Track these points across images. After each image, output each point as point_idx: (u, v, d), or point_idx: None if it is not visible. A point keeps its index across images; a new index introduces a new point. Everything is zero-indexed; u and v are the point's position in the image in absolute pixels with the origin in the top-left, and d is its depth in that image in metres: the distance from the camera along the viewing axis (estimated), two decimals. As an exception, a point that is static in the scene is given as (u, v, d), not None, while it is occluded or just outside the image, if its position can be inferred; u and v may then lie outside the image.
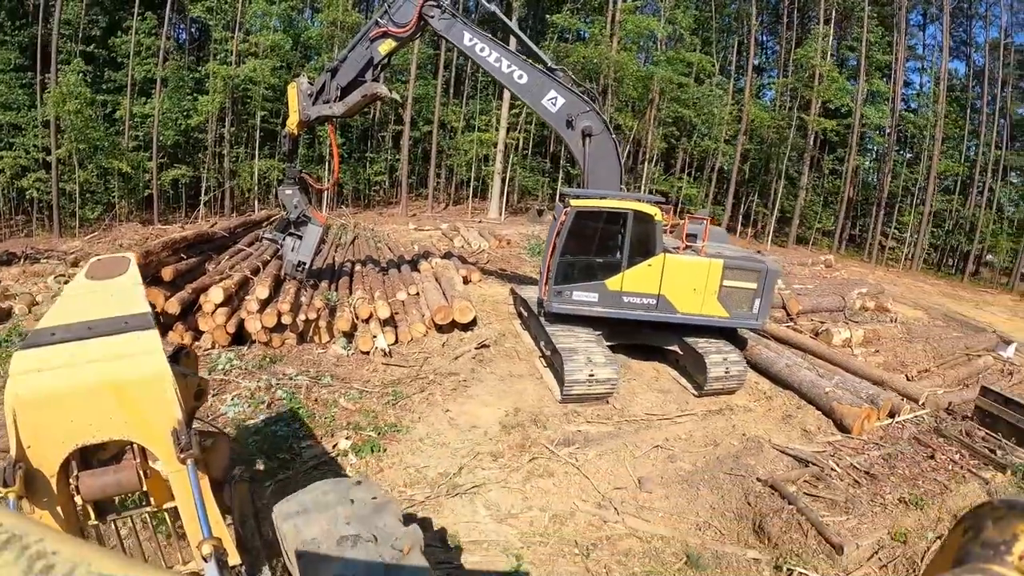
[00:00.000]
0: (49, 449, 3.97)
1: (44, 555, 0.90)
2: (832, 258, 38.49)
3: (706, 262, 14.19)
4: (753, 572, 8.74)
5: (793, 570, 8.66)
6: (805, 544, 9.13)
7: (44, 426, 3.94)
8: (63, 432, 3.96)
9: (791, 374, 15.11)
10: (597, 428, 12.36)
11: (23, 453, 3.89)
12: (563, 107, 15.36)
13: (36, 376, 3.95)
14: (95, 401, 3.96)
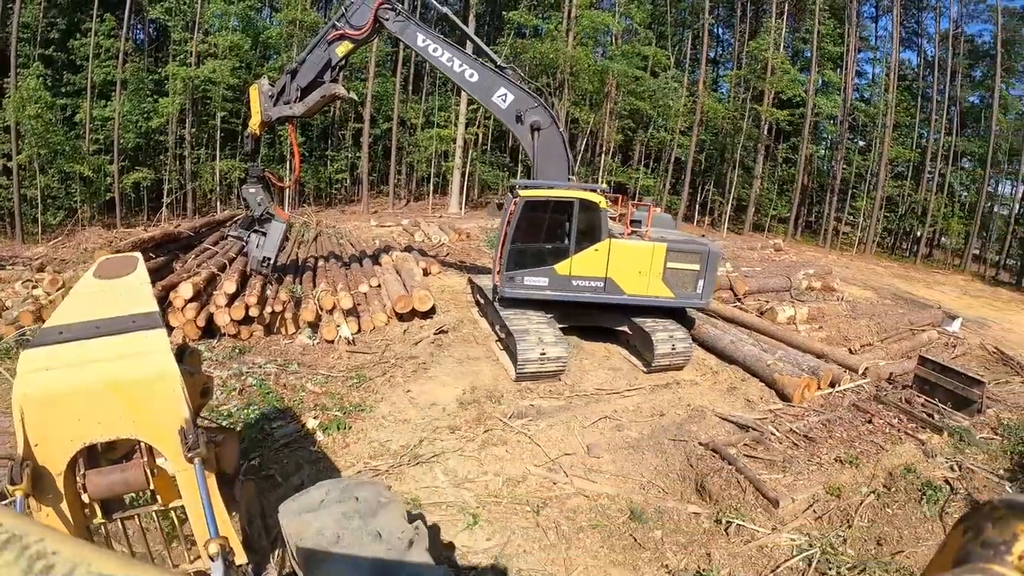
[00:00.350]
0: (56, 447, 4.03)
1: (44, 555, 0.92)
2: (781, 242, 39.55)
3: (650, 246, 15.04)
4: (694, 524, 9.53)
5: (731, 522, 9.42)
6: (743, 499, 9.93)
7: (51, 424, 4.00)
8: (70, 431, 4.02)
9: (736, 350, 16.03)
10: (549, 402, 13.18)
11: (30, 451, 3.96)
12: (512, 103, 16.09)
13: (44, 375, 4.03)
14: (102, 400, 4.03)
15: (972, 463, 11.66)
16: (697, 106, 50.14)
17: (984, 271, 47.68)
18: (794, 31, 54.11)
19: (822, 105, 49.86)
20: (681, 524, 9.48)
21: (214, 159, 45.52)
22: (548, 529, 9.03)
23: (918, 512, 10.00)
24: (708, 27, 54.69)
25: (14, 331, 14.96)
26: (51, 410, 3.98)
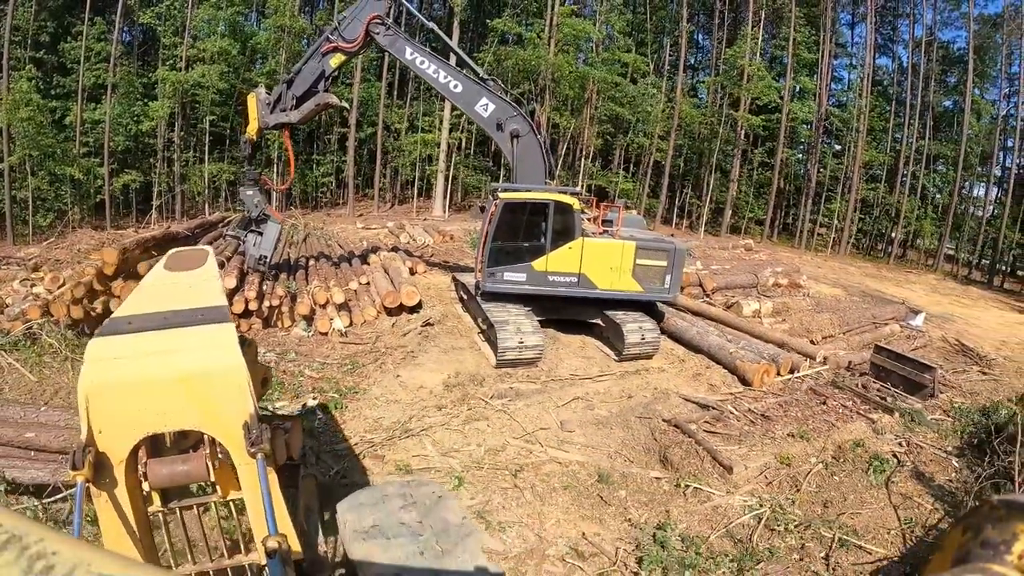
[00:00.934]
0: (119, 436, 4.08)
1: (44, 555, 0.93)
2: (752, 242, 40.59)
3: (620, 244, 16.32)
4: (655, 487, 10.74)
5: (690, 486, 10.59)
6: (701, 467, 11.13)
7: (116, 413, 4.03)
8: (134, 420, 4.06)
9: (701, 340, 17.30)
10: (527, 386, 14.40)
11: (93, 438, 3.99)
12: (493, 112, 17.31)
13: (110, 363, 4.08)
14: (168, 391, 4.08)
15: (921, 441, 12.77)
16: (675, 112, 51.15)
17: (956, 271, 48.63)
18: (772, 37, 55.25)
19: (797, 111, 50.79)
20: (644, 486, 10.67)
21: (203, 162, 46.00)
22: (524, 489, 10.21)
23: (864, 480, 11.18)
24: (687, 34, 55.67)
25: (21, 325, 15.61)
26: (116, 399, 4.06)
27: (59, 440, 9.82)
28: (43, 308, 16.08)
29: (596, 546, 8.99)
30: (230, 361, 4.21)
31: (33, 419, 10.66)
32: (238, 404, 4.16)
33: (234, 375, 4.19)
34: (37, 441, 9.93)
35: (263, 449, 4.03)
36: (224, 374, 4.18)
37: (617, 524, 9.62)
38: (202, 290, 5.27)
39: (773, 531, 9.65)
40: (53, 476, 9.40)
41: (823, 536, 9.56)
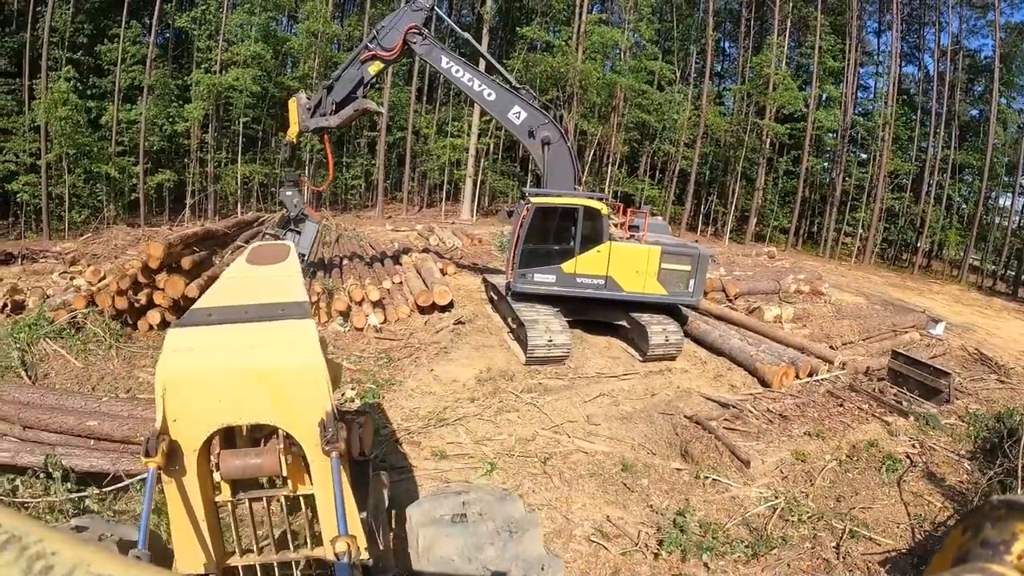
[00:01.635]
0: (194, 426, 4.07)
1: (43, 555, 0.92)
2: (775, 249, 40.92)
3: (646, 248, 16.96)
4: (676, 477, 11.33)
5: (709, 477, 11.18)
6: (720, 461, 11.70)
7: (191, 404, 4.03)
8: (210, 412, 4.05)
9: (723, 342, 17.84)
10: (555, 382, 15.09)
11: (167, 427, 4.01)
12: (525, 120, 18.00)
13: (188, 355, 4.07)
14: (245, 385, 4.05)
15: (934, 443, 13.18)
16: (701, 119, 51.19)
17: (981, 282, 47.91)
18: (798, 45, 55.27)
19: (822, 119, 50.51)
20: (665, 476, 11.29)
21: (235, 163, 46.56)
22: (553, 476, 10.88)
23: (877, 478, 11.70)
24: (713, 42, 55.58)
25: (66, 314, 16.35)
26: (192, 390, 4.05)
27: (123, 429, 10.03)
28: (87, 298, 16.77)
29: (620, 528, 9.59)
30: (310, 359, 4.18)
31: (94, 408, 10.83)
32: (316, 402, 4.13)
33: (314, 373, 4.16)
34: (100, 429, 10.12)
35: (338, 448, 3.99)
36: (304, 371, 4.16)
37: (639, 509, 10.21)
38: (284, 285, 5.32)
39: (787, 521, 10.17)
40: (113, 465, 9.67)
41: (835, 527, 10.05)
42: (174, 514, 4.32)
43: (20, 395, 11.22)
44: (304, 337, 4.25)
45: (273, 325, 4.36)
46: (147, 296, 16.82)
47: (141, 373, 14.47)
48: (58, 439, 10.16)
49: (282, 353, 4.18)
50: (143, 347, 15.98)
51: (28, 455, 9.83)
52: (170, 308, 17.05)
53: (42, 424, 10.28)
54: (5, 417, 10.54)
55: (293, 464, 4.51)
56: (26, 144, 40.23)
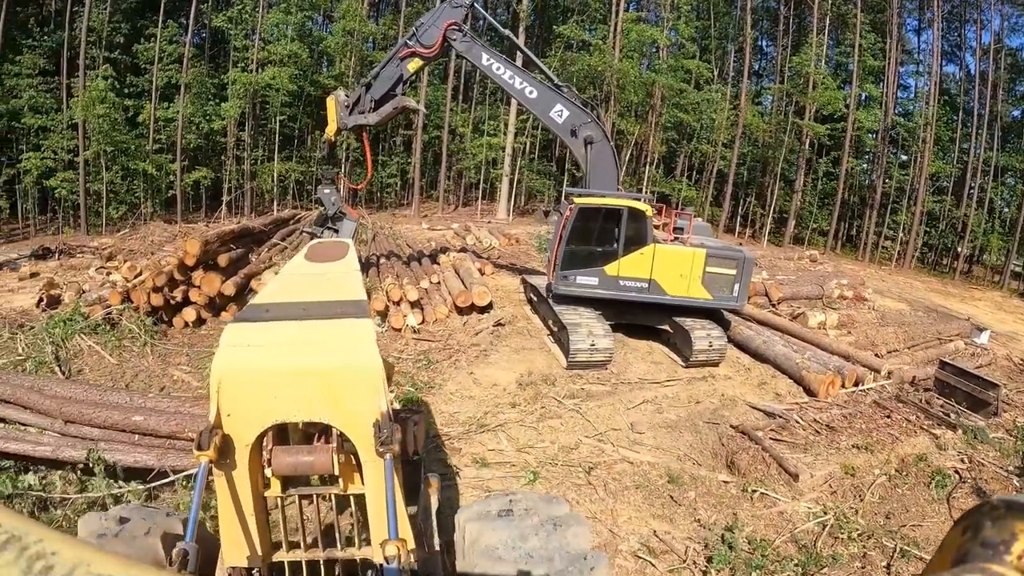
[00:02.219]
0: (247, 422, 4.05)
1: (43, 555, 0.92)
2: (817, 253, 40.28)
3: (691, 251, 16.55)
4: (723, 490, 10.98)
5: (756, 491, 10.82)
6: (768, 473, 11.34)
7: (246, 399, 4.01)
8: (264, 408, 4.03)
9: (767, 349, 17.38)
10: (597, 388, 14.73)
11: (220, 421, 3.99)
12: (568, 118, 17.61)
13: (245, 350, 4.07)
14: (301, 383, 4.01)
15: (983, 458, 12.71)
16: (739, 119, 50.58)
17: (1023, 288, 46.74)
18: (837, 43, 54.24)
19: (862, 120, 49.72)
20: (712, 489, 10.93)
21: (271, 160, 46.75)
22: (597, 487, 10.55)
23: (926, 494, 11.27)
24: (751, 41, 54.80)
25: (101, 310, 16.36)
26: (248, 385, 4.05)
27: (169, 425, 10.13)
28: (123, 294, 16.69)
29: (667, 544, 9.26)
30: (368, 359, 4.11)
31: (140, 404, 10.93)
32: (372, 402, 4.06)
33: (371, 373, 4.09)
34: (146, 425, 10.20)
35: (392, 450, 3.91)
36: (361, 371, 4.09)
37: (687, 524, 9.88)
38: (342, 283, 5.31)
39: (836, 538, 9.82)
40: (159, 460, 9.69)
41: (885, 546, 9.70)
42: (223, 508, 4.31)
43: (62, 390, 11.34)
44: (363, 337, 4.22)
45: (331, 323, 4.35)
46: (183, 293, 16.89)
47: (176, 371, 14.45)
48: (100, 434, 10.20)
49: (340, 352, 4.15)
50: (178, 344, 16.00)
51: (70, 450, 9.87)
52: (206, 306, 17.06)
53: (85, 419, 10.34)
54: (47, 412, 10.64)
55: (345, 463, 4.46)
56: (64, 141, 40.66)
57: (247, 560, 4.41)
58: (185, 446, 9.85)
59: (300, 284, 5.36)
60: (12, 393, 11.17)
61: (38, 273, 22.85)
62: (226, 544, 4.42)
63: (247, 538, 4.37)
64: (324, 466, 4.35)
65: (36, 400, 10.90)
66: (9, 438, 10.22)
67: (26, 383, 11.58)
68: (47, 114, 41.13)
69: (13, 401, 11.12)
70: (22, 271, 23.34)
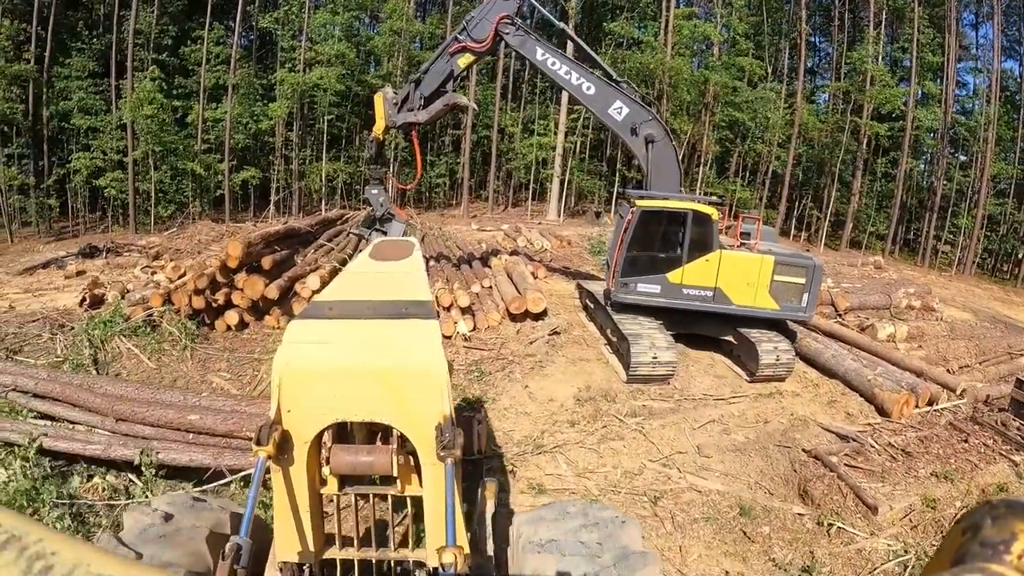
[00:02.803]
0: (308, 419, 4.09)
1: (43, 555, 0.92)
2: (881, 259, 38.72)
3: (758, 258, 15.53)
4: (798, 524, 10.08)
5: (833, 524, 9.92)
6: (844, 504, 10.42)
7: (307, 396, 4.04)
8: (325, 405, 4.06)
9: (836, 363, 16.29)
10: (660, 404, 13.80)
11: (281, 417, 4.03)
12: (628, 116, 16.76)
13: (308, 347, 4.11)
14: (363, 382, 4.05)
15: (1065, 489, 11.73)
16: (795, 118, 49.18)
17: None
18: (892, 39, 52.51)
19: (921, 118, 48.16)
20: (787, 523, 10.05)
21: (319, 160, 46.84)
22: (664, 519, 9.71)
23: (1010, 530, 10.33)
24: (805, 37, 53.28)
25: (142, 311, 16.08)
26: (309, 383, 4.05)
27: (227, 424, 10.11)
28: (164, 296, 16.45)
29: (742, 586, 8.41)
30: (433, 361, 4.09)
31: (195, 403, 10.94)
32: (435, 405, 4.04)
33: (435, 376, 4.07)
34: (202, 424, 10.19)
35: (454, 454, 3.86)
36: (425, 373, 4.06)
37: (760, 563, 9.07)
38: (407, 282, 5.33)
39: (918, 581, 8.89)
40: (215, 460, 9.64)
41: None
42: (278, 503, 4.36)
43: (112, 388, 11.48)
44: (428, 338, 4.21)
45: (396, 323, 4.37)
46: (225, 296, 16.46)
47: (215, 377, 14.14)
48: (153, 432, 10.31)
49: (404, 353, 4.15)
50: (219, 349, 15.64)
51: (121, 448, 9.96)
52: (248, 309, 16.56)
53: (138, 417, 10.47)
54: (97, 410, 10.79)
55: (404, 464, 4.51)
56: (113, 142, 41.62)
57: (299, 556, 4.45)
58: (242, 445, 9.87)
59: (364, 282, 5.43)
60: (61, 391, 11.34)
61: (84, 271, 23.08)
62: (279, 539, 4.49)
63: (300, 534, 4.42)
64: (383, 467, 4.38)
65: (86, 398, 11.04)
66: (59, 437, 10.29)
67: (75, 381, 11.75)
68: (96, 115, 42.07)
69: (62, 399, 11.28)
70: (68, 269, 23.65)
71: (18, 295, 20.19)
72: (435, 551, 3.57)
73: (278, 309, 16.64)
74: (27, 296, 20.06)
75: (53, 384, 11.54)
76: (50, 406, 11.31)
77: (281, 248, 18.74)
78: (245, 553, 3.44)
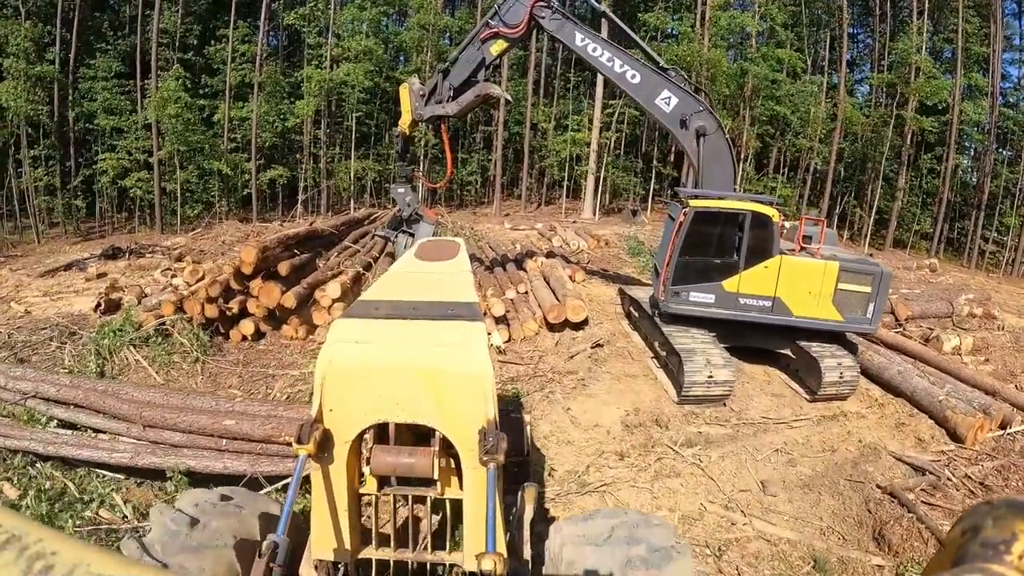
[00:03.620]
0: (350, 418, 4.08)
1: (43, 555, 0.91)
2: (936, 262, 36.89)
3: (822, 264, 13.98)
4: (878, 578, 8.73)
5: (913, 577, 8.61)
6: (926, 552, 9.14)
7: (350, 396, 4.06)
8: (368, 406, 4.06)
9: (903, 381, 14.73)
10: (716, 430, 12.40)
11: (322, 416, 4.03)
12: (677, 107, 15.30)
13: (352, 347, 4.09)
14: (407, 383, 4.02)
15: None
16: (838, 112, 47.15)
17: None
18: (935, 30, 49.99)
19: (968, 112, 45.99)
20: (865, 577, 8.71)
21: (348, 159, 46.34)
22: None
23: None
24: (847, 26, 51.38)
25: (154, 320, 15.15)
26: (353, 382, 4.06)
27: (265, 428, 9.72)
28: (177, 304, 15.48)
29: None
30: (479, 364, 4.05)
31: (228, 408, 10.58)
32: (479, 408, 4.01)
33: (480, 379, 4.02)
34: (238, 429, 9.84)
35: (497, 459, 3.76)
36: (470, 376, 4.03)
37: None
38: (453, 283, 5.30)
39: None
40: (251, 467, 9.32)
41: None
42: (316, 502, 4.34)
43: (140, 395, 11.09)
44: (474, 340, 4.19)
45: (442, 325, 4.35)
46: (240, 304, 15.41)
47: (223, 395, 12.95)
48: (183, 439, 10.02)
49: (450, 355, 4.11)
50: (232, 362, 14.70)
51: (150, 456, 9.69)
52: (265, 318, 15.45)
53: (169, 423, 10.16)
54: (125, 416, 10.47)
55: (445, 467, 4.47)
56: (139, 142, 41.81)
57: (335, 554, 4.41)
58: (280, 451, 9.56)
59: (410, 282, 5.43)
60: (84, 397, 11.01)
61: (106, 274, 22.50)
62: (316, 537, 4.45)
63: (337, 533, 4.38)
64: (424, 469, 4.32)
65: (112, 404, 10.67)
66: (82, 445, 10.05)
67: (99, 387, 11.41)
68: (121, 115, 42.25)
69: (86, 406, 10.94)
70: (89, 272, 23.01)
71: (36, 298, 19.66)
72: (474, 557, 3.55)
73: (296, 318, 15.48)
74: (45, 300, 19.47)
75: (76, 390, 11.17)
76: (73, 413, 10.95)
77: (302, 251, 17.68)
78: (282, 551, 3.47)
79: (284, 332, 15.54)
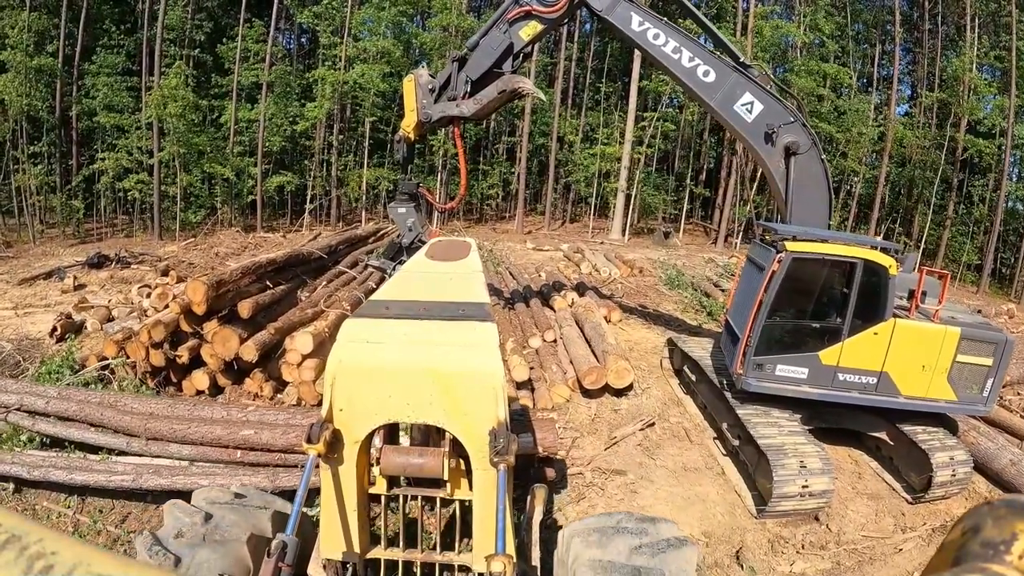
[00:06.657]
0: (360, 418, 4.20)
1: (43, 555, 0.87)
2: (1014, 307, 33.25)
3: (942, 330, 10.67)
4: None
5: None
6: None
7: (360, 396, 4.17)
8: (377, 405, 4.16)
9: (1018, 474, 11.28)
10: (814, 566, 9.03)
11: (332, 415, 4.17)
12: (761, 116, 11.91)
13: (363, 346, 4.21)
14: (417, 384, 4.08)
15: None
16: (888, 133, 44.11)
17: None
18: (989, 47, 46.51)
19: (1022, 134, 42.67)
20: None
21: (361, 166, 44.74)
22: None
23: None
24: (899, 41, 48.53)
25: (96, 360, 13.24)
26: (363, 382, 4.17)
27: (287, 437, 9.22)
28: (120, 344, 13.10)
29: None
30: (489, 364, 4.12)
31: (241, 418, 10.00)
32: (489, 409, 4.06)
33: (491, 379, 4.09)
34: (257, 439, 9.33)
35: (507, 461, 3.81)
36: (480, 376, 4.09)
37: None
38: (464, 284, 5.40)
39: None
40: (272, 481, 8.71)
41: None
42: (326, 501, 4.46)
43: (140, 406, 10.38)
44: (485, 341, 4.27)
45: (453, 325, 4.43)
46: (191, 351, 12.36)
47: None
48: (192, 453, 9.50)
49: (461, 355, 4.17)
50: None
51: (154, 477, 9.04)
52: (222, 370, 12.30)
53: (178, 436, 9.53)
54: (127, 430, 9.80)
55: (455, 468, 4.59)
56: (140, 141, 40.55)
57: (343, 554, 4.55)
58: (300, 460, 8.99)
59: (421, 282, 5.51)
60: (78, 410, 10.31)
61: (84, 285, 21.75)
62: (325, 537, 4.59)
63: (346, 533, 4.52)
64: (434, 470, 4.47)
65: (111, 417, 10.00)
66: (73, 468, 9.33)
67: (94, 398, 10.73)
68: (122, 113, 40.99)
69: (80, 419, 10.25)
70: (66, 283, 21.75)
71: (5, 312, 18.30)
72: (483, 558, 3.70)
73: (260, 372, 12.34)
74: (12, 314, 18.03)
75: (67, 403, 10.47)
76: (63, 428, 10.22)
77: (281, 280, 14.67)
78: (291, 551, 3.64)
79: (247, 387, 12.42)
